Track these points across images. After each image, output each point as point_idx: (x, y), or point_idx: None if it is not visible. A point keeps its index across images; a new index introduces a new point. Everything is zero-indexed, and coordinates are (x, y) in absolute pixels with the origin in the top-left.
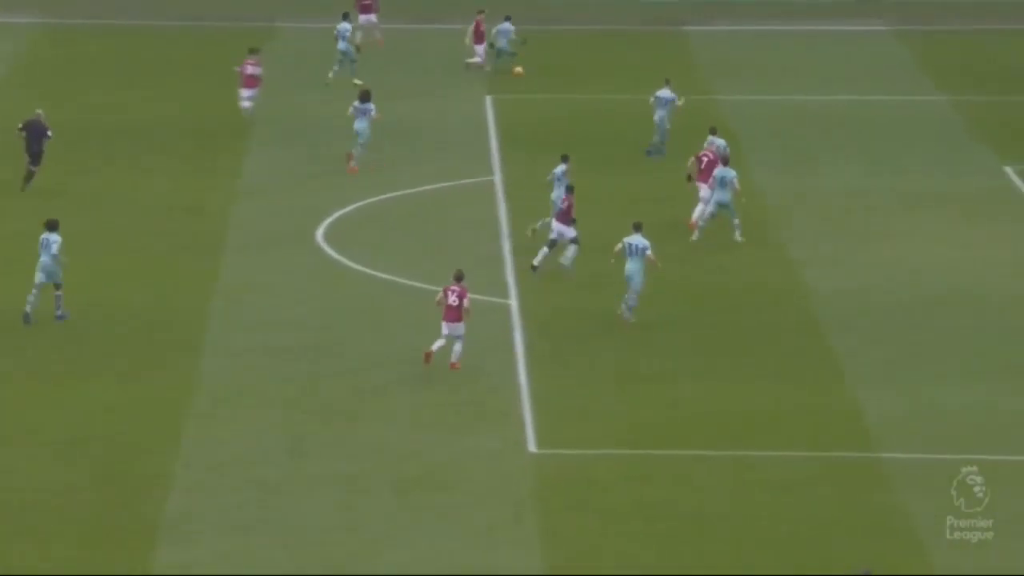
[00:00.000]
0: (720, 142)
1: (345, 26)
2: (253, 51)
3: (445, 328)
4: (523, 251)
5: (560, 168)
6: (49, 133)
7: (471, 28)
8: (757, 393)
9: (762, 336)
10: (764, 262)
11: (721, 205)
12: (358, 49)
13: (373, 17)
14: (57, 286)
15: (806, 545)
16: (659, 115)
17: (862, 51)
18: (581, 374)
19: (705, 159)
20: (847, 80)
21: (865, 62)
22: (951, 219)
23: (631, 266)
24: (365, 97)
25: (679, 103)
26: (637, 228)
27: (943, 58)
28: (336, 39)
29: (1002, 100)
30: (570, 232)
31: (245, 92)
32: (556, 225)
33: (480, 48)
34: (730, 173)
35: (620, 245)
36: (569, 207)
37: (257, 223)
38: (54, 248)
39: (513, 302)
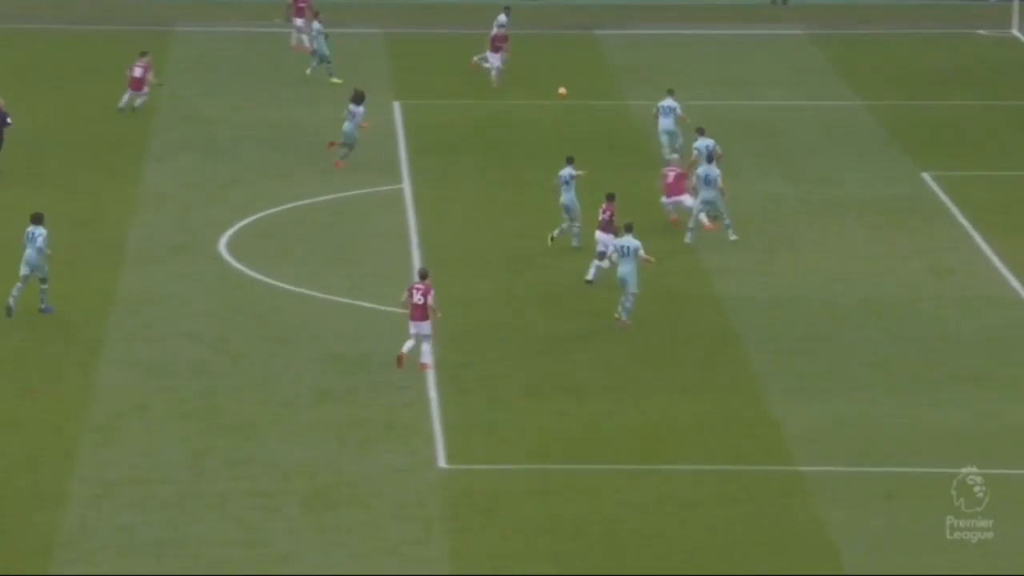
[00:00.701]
0: (708, 142)
1: (316, 26)
2: (143, 54)
3: (412, 328)
4: (435, 262)
5: (567, 171)
6: (9, 120)
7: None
8: (671, 406)
9: (676, 347)
10: (678, 271)
11: (706, 203)
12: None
13: (299, 21)
14: (43, 279)
15: (721, 560)
16: (663, 124)
17: (779, 56)
18: (492, 388)
19: (672, 174)
20: (764, 85)
21: (782, 67)
22: (869, 226)
23: (624, 268)
24: (357, 99)
25: (679, 113)
26: (628, 229)
27: (860, 63)
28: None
29: (919, 104)
30: (611, 243)
31: (130, 94)
32: (601, 236)
33: (495, 57)
34: (714, 171)
35: (611, 249)
36: (611, 216)
37: (158, 233)
38: (39, 241)
39: None
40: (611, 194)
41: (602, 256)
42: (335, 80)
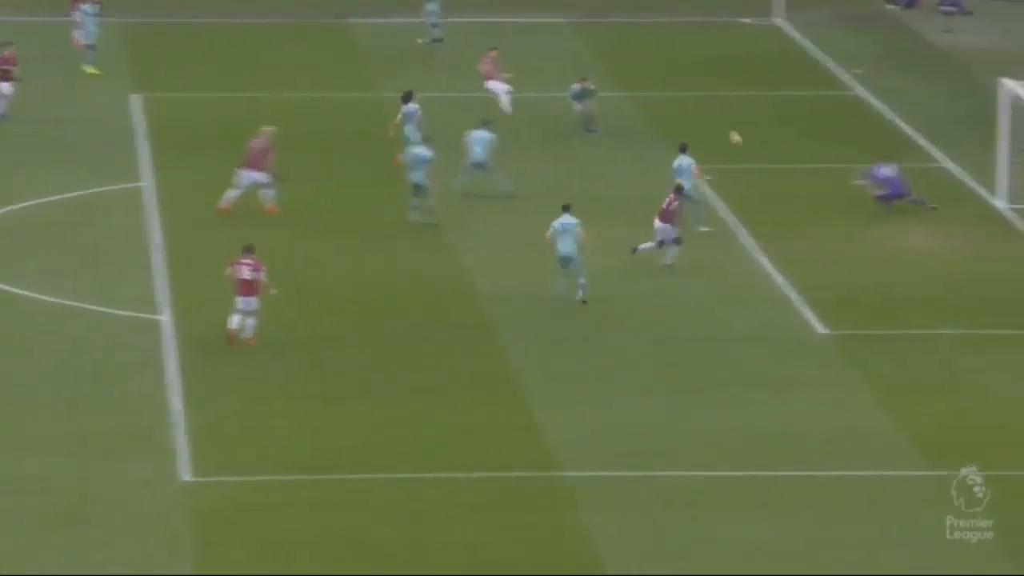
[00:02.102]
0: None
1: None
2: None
3: (241, 303)
4: (179, 262)
5: (421, 150)
6: None
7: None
8: (431, 411)
9: (436, 350)
10: (438, 271)
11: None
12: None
13: (76, 15)
14: None
15: (482, 570)
16: (577, 108)
17: (541, 45)
18: (242, 394)
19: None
20: (527, 74)
21: (544, 56)
22: (630, 221)
23: (565, 247)
24: (407, 98)
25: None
26: (566, 209)
27: (622, 53)
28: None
29: (682, 95)
30: (671, 232)
31: None
32: (659, 225)
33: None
34: (687, 161)
35: (550, 230)
36: (674, 207)
37: None
38: None
39: (166, 318)
40: (680, 185)
41: (661, 244)
42: (90, 70)
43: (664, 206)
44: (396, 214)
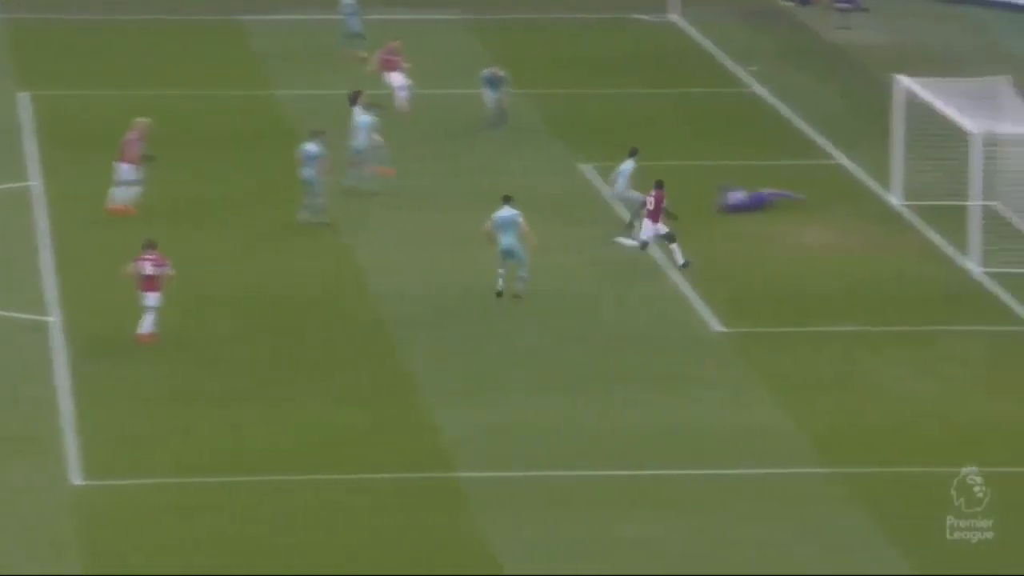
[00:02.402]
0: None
1: None
2: None
3: (147, 299)
4: (67, 263)
5: (310, 146)
6: None
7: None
8: (325, 412)
9: (331, 350)
10: (332, 269)
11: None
12: None
13: None
14: None
15: (380, 572)
16: (489, 97)
17: (435, 42)
18: (133, 396)
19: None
20: (419, 73)
21: (438, 54)
22: (526, 220)
23: (508, 239)
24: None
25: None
26: (507, 200)
27: (517, 50)
28: None
29: (577, 93)
30: (662, 229)
31: None
32: (648, 225)
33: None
34: (629, 165)
35: (489, 223)
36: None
37: None
38: None
39: (55, 319)
40: (659, 181)
41: (671, 238)
42: None
43: (651, 206)
44: (291, 212)
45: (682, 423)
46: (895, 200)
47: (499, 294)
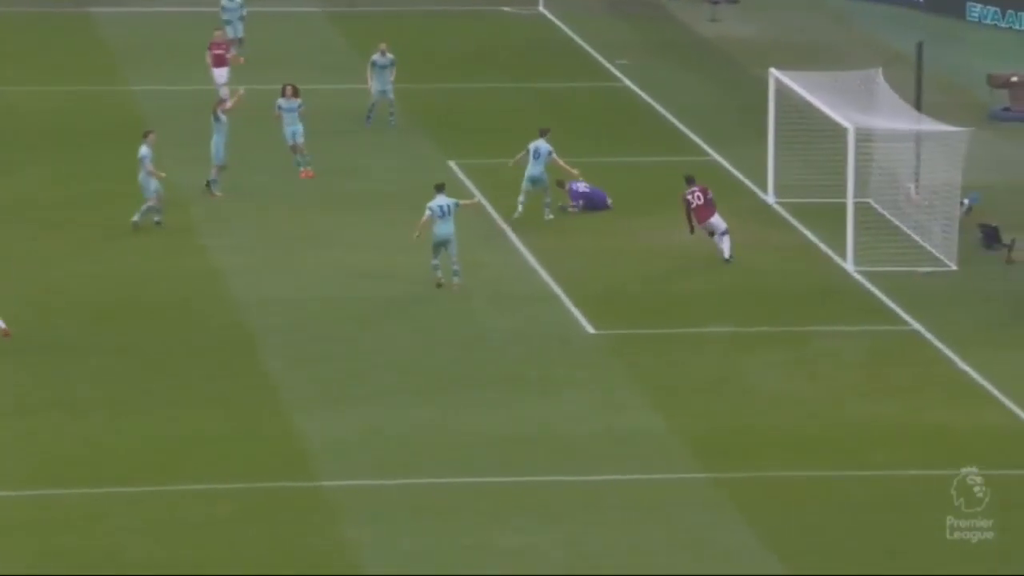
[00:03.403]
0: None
1: None
2: None
3: None
4: None
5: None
6: None
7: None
8: (180, 420)
9: (187, 356)
10: (185, 271)
11: (533, 180)
12: None
13: None
14: None
15: None
16: (376, 88)
17: (295, 35)
18: None
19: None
20: (279, 67)
21: (299, 47)
22: (393, 220)
23: (445, 229)
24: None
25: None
26: (440, 189)
27: (380, 42)
28: None
29: (443, 88)
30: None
31: None
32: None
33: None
34: (544, 147)
35: (427, 213)
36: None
37: None
38: None
39: None
40: (690, 176)
41: (712, 235)
42: None
43: (700, 201)
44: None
45: (553, 427)
46: (769, 197)
47: (439, 285)
